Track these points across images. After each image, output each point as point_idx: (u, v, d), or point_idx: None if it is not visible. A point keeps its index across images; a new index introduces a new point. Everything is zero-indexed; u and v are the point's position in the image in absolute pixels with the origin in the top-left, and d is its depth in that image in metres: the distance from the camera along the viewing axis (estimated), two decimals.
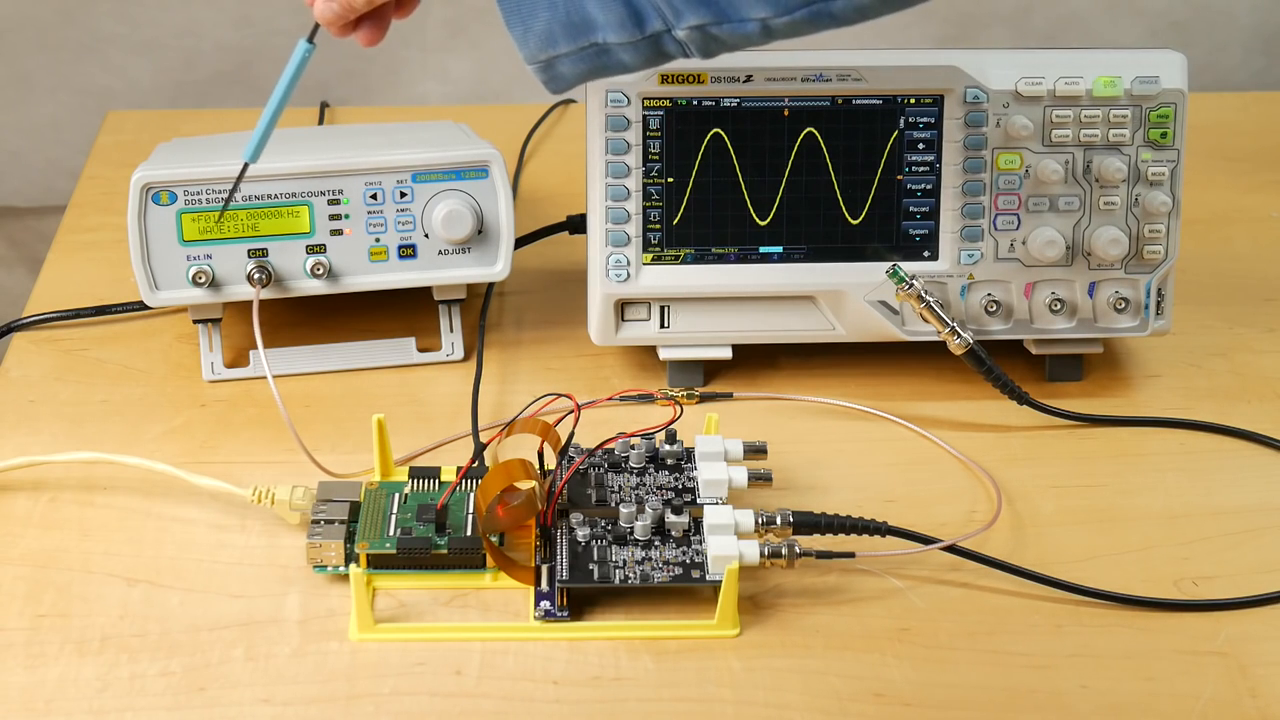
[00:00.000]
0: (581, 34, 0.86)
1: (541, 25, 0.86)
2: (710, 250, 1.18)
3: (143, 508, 1.07)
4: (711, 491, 1.04)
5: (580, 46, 0.86)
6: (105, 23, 1.72)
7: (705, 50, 0.86)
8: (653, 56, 0.87)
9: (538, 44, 0.87)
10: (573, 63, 0.87)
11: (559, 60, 0.87)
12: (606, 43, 0.86)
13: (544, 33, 0.86)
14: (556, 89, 0.90)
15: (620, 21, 0.85)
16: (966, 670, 0.94)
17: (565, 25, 0.86)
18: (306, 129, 1.56)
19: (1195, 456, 1.14)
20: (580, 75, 0.88)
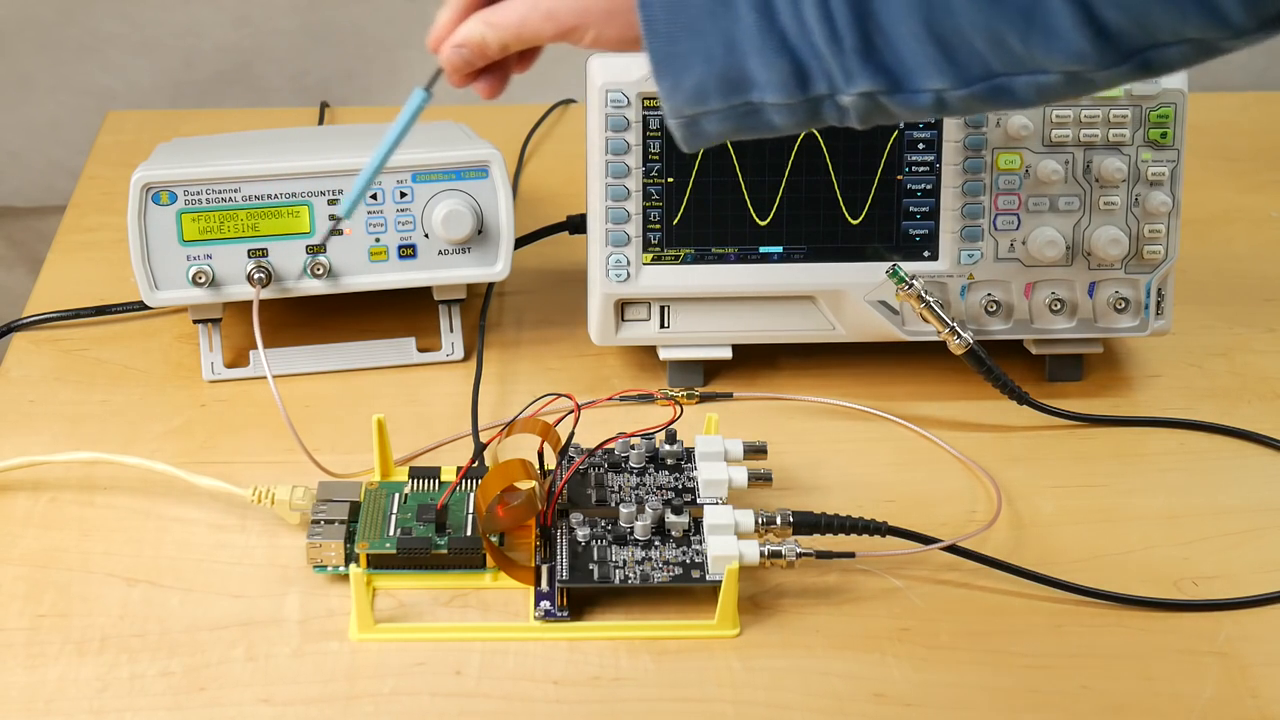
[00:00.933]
0: (736, 92, 0.79)
1: (694, 80, 0.80)
2: (710, 250, 1.18)
3: (143, 508, 1.07)
4: (711, 491, 1.04)
5: (732, 104, 0.80)
6: (105, 23, 1.72)
7: (866, 118, 0.80)
8: (806, 119, 0.81)
9: (686, 99, 0.80)
10: (719, 120, 0.81)
11: (705, 117, 0.81)
12: (762, 102, 0.79)
13: (695, 88, 0.80)
14: (693, 145, 0.83)
15: (783, 81, 0.78)
16: (966, 670, 0.94)
17: (720, 81, 0.79)
18: (306, 129, 1.56)
19: (1195, 456, 1.14)
20: (723, 133, 0.82)
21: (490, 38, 0.85)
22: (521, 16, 0.84)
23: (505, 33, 0.85)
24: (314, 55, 1.75)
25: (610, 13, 0.81)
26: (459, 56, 0.87)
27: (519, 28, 0.84)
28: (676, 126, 0.82)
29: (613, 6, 0.81)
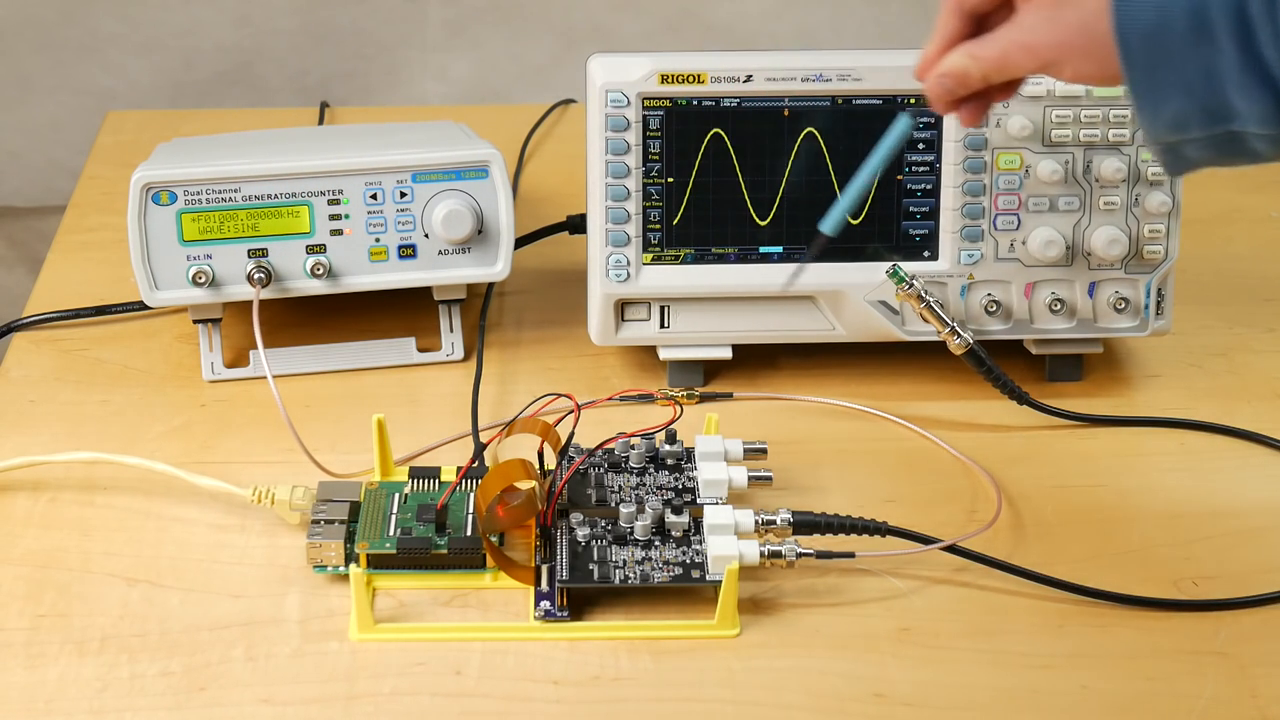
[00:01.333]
0: (1217, 121, 0.81)
1: (1173, 110, 0.81)
2: (710, 250, 1.18)
3: (143, 508, 1.07)
4: (711, 491, 1.04)
5: (1213, 133, 0.81)
6: (105, 23, 1.72)
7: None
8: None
9: (1166, 128, 0.82)
10: (1200, 148, 0.82)
11: (1186, 144, 0.82)
12: (1244, 131, 0.80)
13: (1175, 117, 0.81)
14: (1176, 170, 0.85)
15: (1265, 114, 0.79)
16: (966, 670, 0.94)
17: (1201, 111, 0.81)
18: (306, 129, 1.56)
19: (1195, 456, 1.14)
20: (1205, 160, 0.84)
21: (973, 69, 0.89)
22: (1003, 50, 0.87)
23: (988, 65, 0.88)
24: (314, 55, 1.76)
25: (1088, 47, 0.83)
26: (942, 86, 0.91)
27: (1001, 61, 0.87)
28: (1157, 152, 0.84)
29: (1090, 41, 0.83)
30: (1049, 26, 0.85)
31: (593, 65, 1.15)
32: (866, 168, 0.98)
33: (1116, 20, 0.80)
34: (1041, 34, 0.85)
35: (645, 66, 1.14)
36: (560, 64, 1.76)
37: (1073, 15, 0.84)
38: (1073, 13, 0.84)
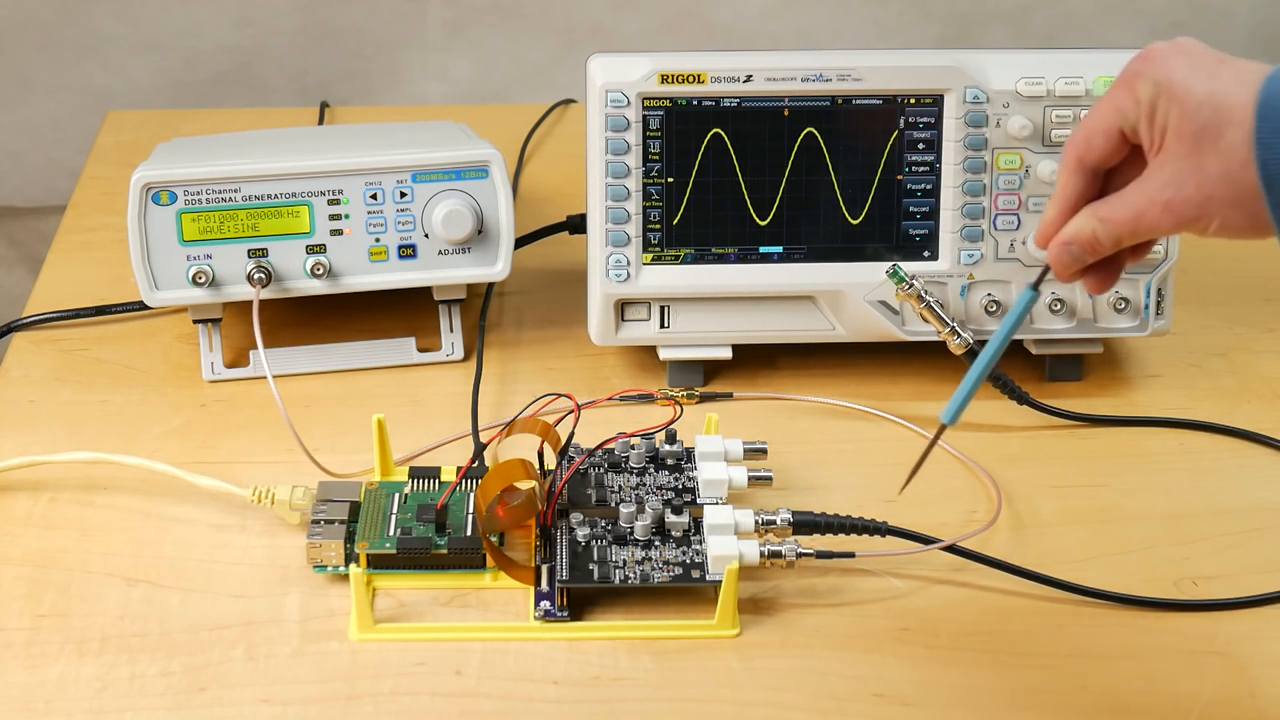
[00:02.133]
0: None
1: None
2: (710, 250, 1.18)
3: (143, 508, 1.07)
4: (711, 491, 1.04)
5: None
6: (105, 23, 1.72)
7: None
8: None
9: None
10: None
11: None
12: None
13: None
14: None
15: None
16: (966, 670, 0.94)
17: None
18: (306, 129, 1.56)
19: (1195, 456, 1.14)
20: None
21: (1102, 234, 0.81)
22: (1138, 212, 0.79)
23: (1120, 229, 0.80)
24: (314, 55, 1.76)
25: (1236, 200, 0.76)
26: (1068, 254, 0.83)
27: (1135, 223, 0.80)
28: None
29: (1238, 193, 0.75)
30: (1190, 179, 0.77)
31: (593, 65, 1.15)
32: (990, 347, 0.88)
33: (1263, 168, 0.74)
34: (1182, 189, 0.77)
35: (645, 66, 1.14)
36: (560, 64, 1.76)
37: (1216, 165, 0.76)
38: (1215, 162, 0.76)
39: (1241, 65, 0.77)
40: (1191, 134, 0.76)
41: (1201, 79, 0.77)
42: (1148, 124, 0.79)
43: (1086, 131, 0.82)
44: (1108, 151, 0.81)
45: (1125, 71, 0.80)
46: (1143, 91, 0.78)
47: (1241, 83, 0.76)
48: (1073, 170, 0.82)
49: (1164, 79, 0.77)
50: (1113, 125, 0.80)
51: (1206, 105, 0.76)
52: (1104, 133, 0.81)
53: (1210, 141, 0.76)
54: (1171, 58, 0.78)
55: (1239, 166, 0.75)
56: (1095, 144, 0.81)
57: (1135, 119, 0.79)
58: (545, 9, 1.76)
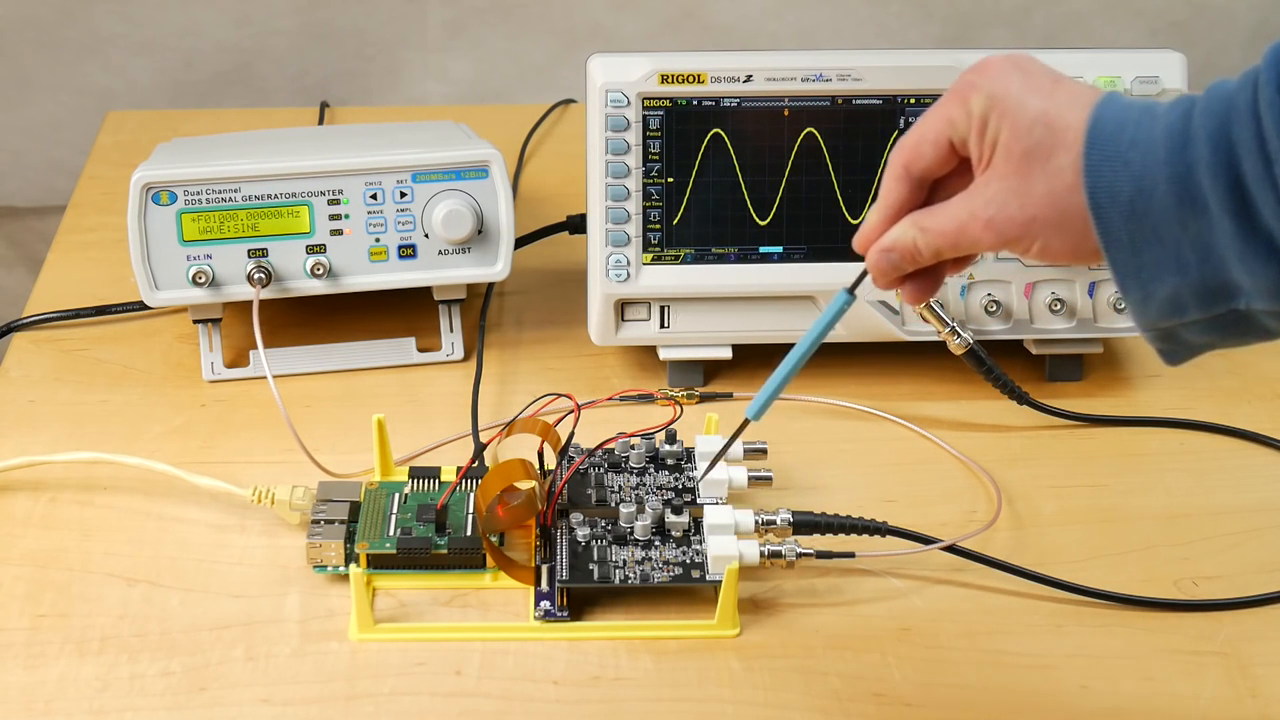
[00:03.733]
0: (1219, 301, 0.71)
1: (1167, 291, 0.71)
2: (710, 250, 1.18)
3: (143, 508, 1.07)
4: (711, 491, 1.04)
5: (1215, 314, 0.71)
6: (105, 23, 1.72)
7: None
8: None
9: (1160, 312, 0.72)
10: (1202, 330, 0.72)
11: (1185, 328, 0.72)
12: (1250, 310, 0.70)
13: (1170, 299, 0.71)
14: (1176, 359, 0.75)
15: (1275, 289, 0.69)
16: (966, 670, 0.94)
17: (1198, 291, 0.71)
18: (306, 129, 1.56)
19: (1195, 456, 1.14)
20: (1208, 344, 0.74)
21: (923, 244, 0.79)
22: (959, 226, 0.77)
23: (940, 241, 0.78)
24: (314, 55, 1.75)
25: (1060, 224, 0.74)
26: (887, 261, 0.81)
27: (956, 236, 0.78)
28: (1152, 339, 0.75)
29: (1062, 217, 0.74)
30: (1014, 199, 0.75)
31: (593, 65, 1.15)
32: (799, 347, 0.89)
33: (1091, 195, 0.72)
34: (1005, 208, 0.75)
35: (645, 66, 1.14)
36: (560, 64, 1.76)
37: (1042, 187, 0.74)
38: (1042, 184, 0.74)
39: (1076, 87, 0.75)
40: (1021, 153, 0.75)
41: (1035, 97, 0.75)
42: (978, 138, 0.77)
43: (915, 139, 0.80)
44: (935, 161, 0.79)
45: (959, 81, 0.78)
46: (975, 104, 0.77)
47: (1075, 104, 0.74)
48: (898, 177, 0.80)
49: (998, 93, 0.76)
50: (942, 135, 0.78)
51: (1039, 124, 0.74)
52: (933, 142, 0.79)
53: (1039, 163, 0.74)
54: (1007, 73, 0.77)
55: (1065, 190, 0.73)
56: (923, 152, 0.79)
57: (965, 131, 0.77)
58: (545, 9, 1.76)
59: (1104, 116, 0.73)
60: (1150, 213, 0.70)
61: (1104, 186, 0.72)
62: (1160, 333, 0.74)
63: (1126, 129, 0.72)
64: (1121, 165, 0.71)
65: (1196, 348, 0.75)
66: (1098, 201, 0.72)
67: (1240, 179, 0.68)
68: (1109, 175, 0.71)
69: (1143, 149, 0.71)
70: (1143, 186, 0.70)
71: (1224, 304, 0.71)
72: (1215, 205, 0.69)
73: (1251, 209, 0.68)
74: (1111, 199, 0.71)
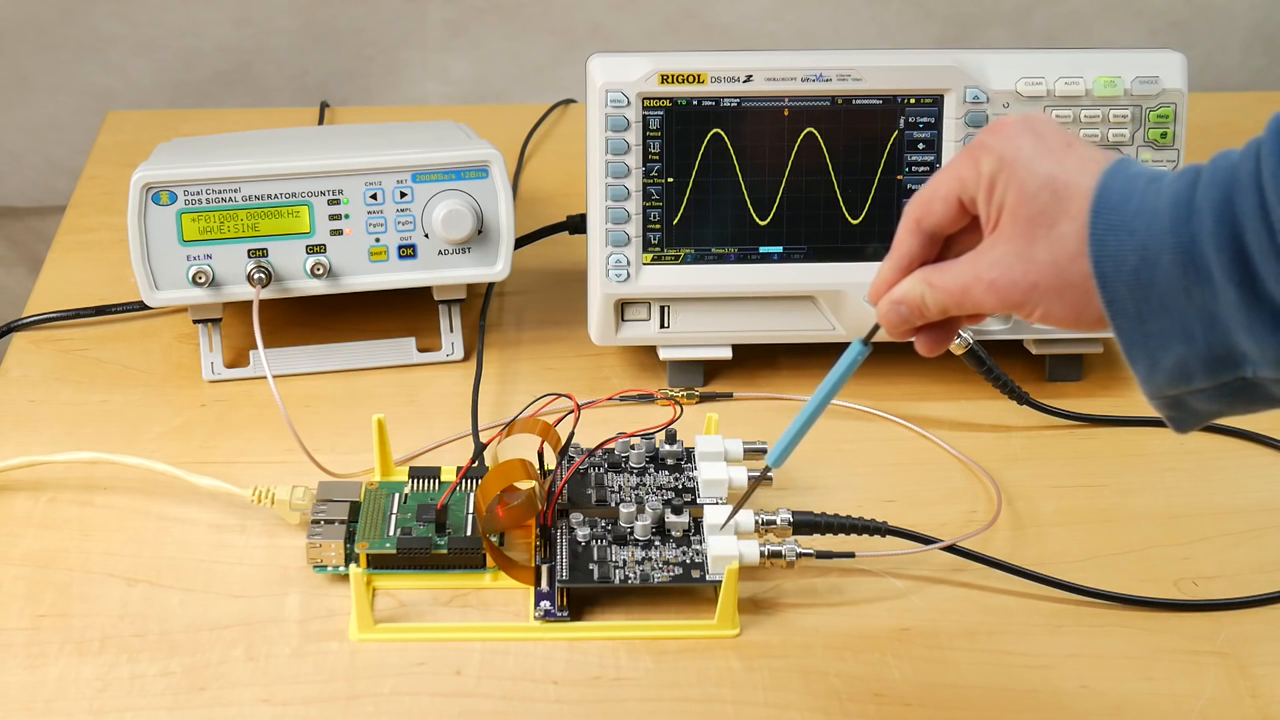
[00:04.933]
0: (1225, 369, 0.71)
1: (1174, 360, 0.71)
2: (710, 250, 1.18)
3: (143, 508, 1.07)
4: (711, 491, 1.04)
5: (1222, 382, 0.71)
6: (105, 23, 1.72)
7: None
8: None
9: (1168, 380, 0.72)
10: (1209, 398, 0.72)
11: (1191, 396, 0.72)
12: (1257, 378, 0.70)
13: (1177, 368, 0.71)
14: (1184, 426, 0.75)
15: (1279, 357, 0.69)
16: (966, 670, 0.94)
17: (1205, 360, 0.71)
18: (306, 129, 1.56)
19: (1195, 456, 1.14)
20: (1216, 411, 0.74)
21: (930, 300, 0.80)
22: (964, 286, 0.77)
23: (947, 299, 0.79)
24: (314, 55, 1.75)
25: (1061, 291, 0.74)
26: (897, 314, 0.82)
27: (961, 295, 0.78)
28: (1160, 407, 0.74)
29: (1064, 285, 0.74)
30: (1018, 264, 0.75)
31: (593, 65, 1.15)
32: (816, 397, 0.89)
33: (1096, 265, 0.72)
34: (1009, 272, 0.75)
35: (645, 66, 1.14)
36: (560, 64, 1.76)
37: (1045, 254, 0.74)
38: (1045, 251, 0.74)
39: (1087, 152, 0.75)
40: (1026, 218, 0.75)
41: (1045, 161, 0.75)
42: (986, 199, 0.77)
43: (928, 194, 0.80)
44: (947, 218, 0.79)
45: (974, 141, 0.78)
46: (985, 165, 0.77)
47: (1083, 171, 0.74)
48: (910, 230, 0.81)
49: (1008, 155, 0.76)
50: (953, 193, 0.79)
51: (1045, 190, 0.74)
52: (944, 199, 0.79)
53: (1043, 229, 0.74)
54: (1020, 134, 0.77)
55: (1068, 259, 0.73)
56: (935, 209, 0.79)
57: (975, 191, 0.77)
58: (545, 9, 1.76)
59: (1110, 186, 0.73)
60: (1155, 282, 0.70)
61: (1109, 255, 0.72)
62: (1168, 401, 0.74)
63: (1132, 198, 0.72)
64: (1127, 235, 0.71)
65: (1204, 415, 0.75)
66: (1103, 270, 0.72)
67: (1244, 249, 0.68)
68: (1114, 245, 0.71)
69: (1148, 219, 0.71)
70: (1148, 256, 0.70)
71: (1231, 372, 0.71)
72: (1220, 275, 0.69)
73: (1256, 279, 0.68)
74: (1117, 268, 0.71)
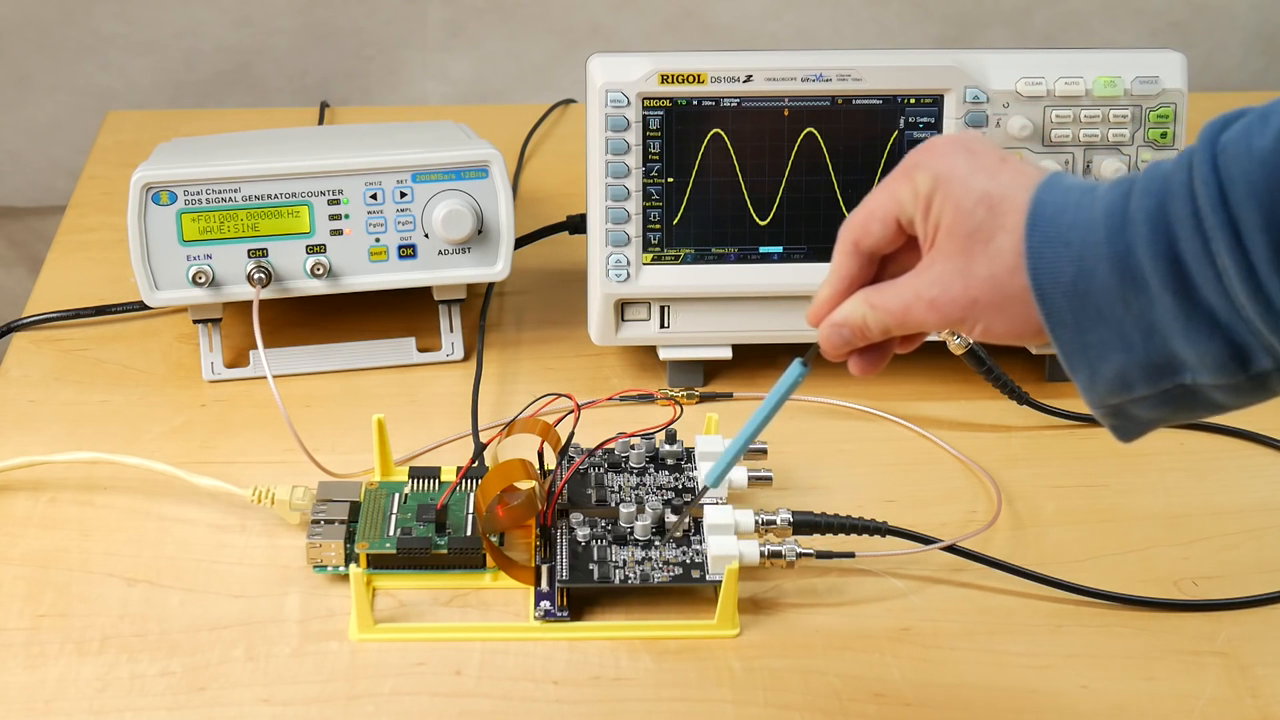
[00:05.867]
0: (1165, 376, 0.71)
1: (1114, 369, 0.72)
2: (710, 250, 1.18)
3: (143, 508, 1.07)
4: (711, 492, 1.03)
5: (1162, 389, 0.72)
6: (105, 23, 1.72)
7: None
8: (1253, 394, 0.72)
9: (1109, 389, 0.73)
10: (1151, 406, 0.73)
11: (1134, 404, 0.73)
12: (1196, 384, 0.71)
13: (1117, 377, 0.72)
14: (1127, 435, 0.76)
15: (1219, 364, 0.69)
16: (966, 670, 0.94)
17: (1144, 368, 0.71)
18: (306, 129, 1.56)
19: (1195, 456, 1.14)
20: (1159, 419, 0.74)
21: (872, 321, 0.80)
22: (905, 304, 0.78)
23: (889, 319, 0.79)
24: (314, 55, 1.75)
25: (1001, 306, 0.74)
26: (839, 336, 0.82)
27: (902, 315, 0.78)
28: (1102, 416, 0.75)
29: (1004, 299, 0.74)
30: (957, 280, 0.75)
31: (593, 65, 1.15)
32: (754, 419, 0.89)
33: (1034, 278, 0.72)
34: (948, 290, 0.76)
35: (645, 66, 1.14)
36: (560, 64, 1.76)
37: (983, 269, 0.74)
38: (984, 266, 0.74)
39: (1021, 167, 0.76)
40: (964, 234, 0.75)
41: (980, 178, 0.75)
42: (923, 217, 0.77)
43: (864, 216, 0.80)
44: (884, 239, 0.80)
45: (906, 160, 0.79)
46: (921, 184, 0.77)
47: (1018, 185, 0.74)
48: (848, 253, 0.81)
49: (943, 174, 0.76)
50: (890, 213, 0.79)
51: (981, 205, 0.75)
52: (881, 219, 0.79)
53: (980, 244, 0.74)
54: (954, 152, 0.77)
55: (1006, 273, 0.73)
56: (871, 229, 0.80)
57: (912, 211, 0.78)
58: (545, 9, 1.76)
59: (1044, 199, 0.73)
60: (1093, 293, 0.71)
61: (1046, 268, 0.72)
62: (1110, 410, 0.75)
63: (1067, 211, 0.73)
64: (1063, 246, 0.72)
65: (1147, 423, 0.75)
66: (1040, 283, 0.72)
67: (1179, 257, 0.68)
68: (1051, 257, 0.72)
69: (1083, 230, 0.72)
70: (1084, 267, 0.71)
71: (1170, 379, 0.72)
72: (1156, 283, 0.69)
73: (1191, 285, 0.68)
74: (1054, 280, 0.72)
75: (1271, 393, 0.72)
